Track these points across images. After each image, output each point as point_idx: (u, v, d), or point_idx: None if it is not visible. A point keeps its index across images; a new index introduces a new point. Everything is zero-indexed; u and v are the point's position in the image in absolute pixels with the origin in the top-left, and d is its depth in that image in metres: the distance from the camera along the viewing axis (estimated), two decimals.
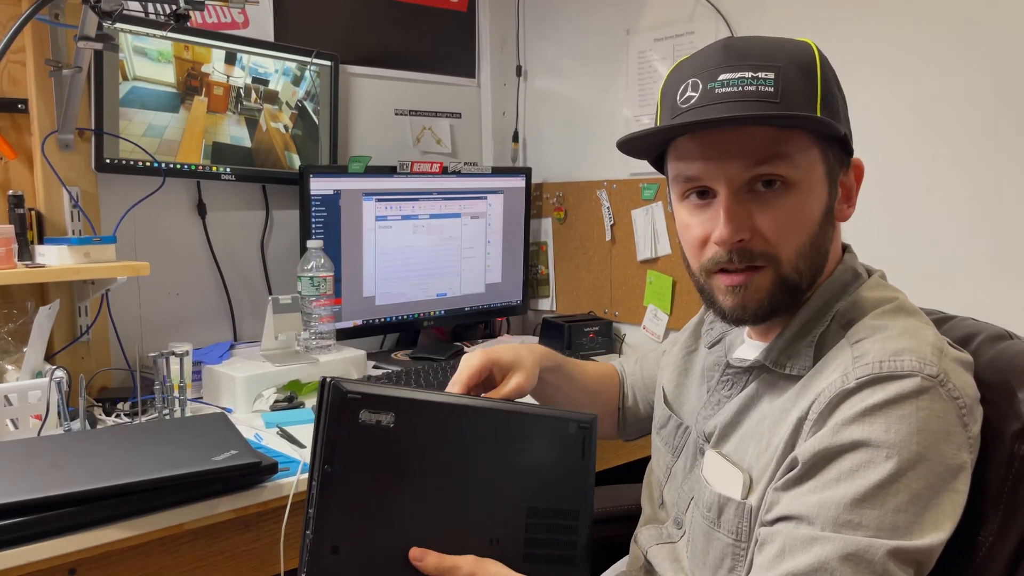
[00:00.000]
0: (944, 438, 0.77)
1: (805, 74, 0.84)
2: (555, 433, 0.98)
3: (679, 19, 2.08)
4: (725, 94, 0.83)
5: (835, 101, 0.87)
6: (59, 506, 1.06)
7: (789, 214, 0.85)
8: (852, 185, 0.91)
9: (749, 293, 0.87)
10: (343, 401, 0.86)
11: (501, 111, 2.58)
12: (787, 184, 0.84)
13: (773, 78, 0.83)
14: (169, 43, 1.84)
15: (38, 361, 1.58)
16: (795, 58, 0.85)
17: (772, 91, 0.82)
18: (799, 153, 0.84)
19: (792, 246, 0.85)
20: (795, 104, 0.83)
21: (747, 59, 0.84)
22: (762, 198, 0.85)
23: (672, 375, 1.12)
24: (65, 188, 1.73)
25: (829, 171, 0.87)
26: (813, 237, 0.86)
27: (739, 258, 0.86)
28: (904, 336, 0.82)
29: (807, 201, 0.85)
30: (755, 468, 0.88)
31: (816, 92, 0.84)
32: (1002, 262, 1.56)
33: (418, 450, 0.90)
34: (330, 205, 2.02)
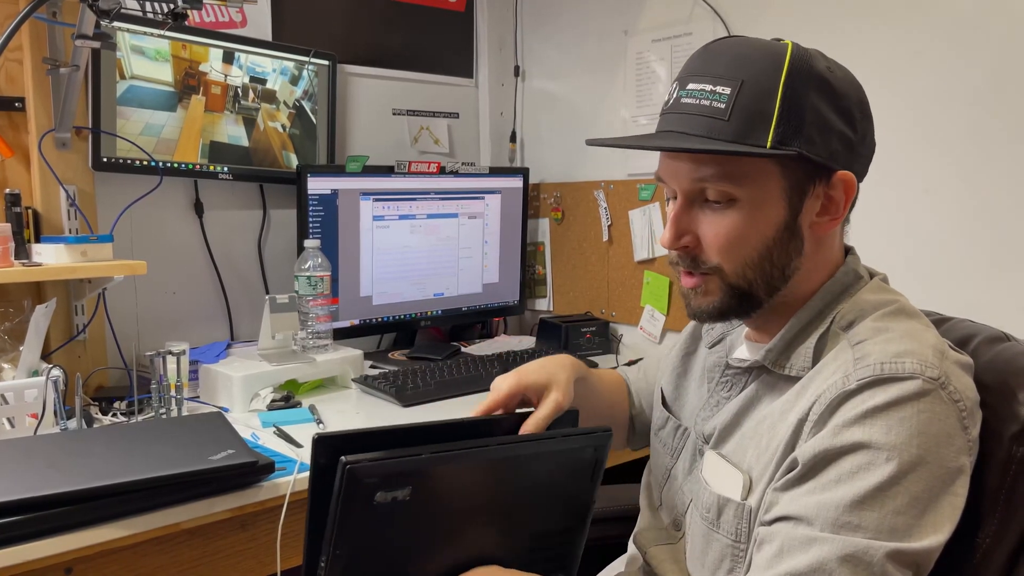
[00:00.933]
0: (945, 441, 0.77)
1: (764, 91, 0.83)
2: (571, 459, 0.96)
3: (677, 20, 2.08)
4: (685, 105, 0.87)
5: (801, 116, 0.83)
6: (55, 505, 1.05)
7: (730, 230, 0.86)
8: (838, 199, 0.88)
9: (700, 296, 0.91)
10: (359, 489, 0.80)
11: (499, 111, 2.58)
12: (732, 200, 0.86)
13: (728, 93, 0.83)
14: (167, 42, 1.84)
15: (34, 360, 1.58)
16: (761, 71, 0.84)
17: (723, 108, 0.84)
18: (747, 170, 0.85)
19: (736, 260, 0.87)
20: (742, 125, 0.83)
21: (714, 68, 0.86)
22: (710, 209, 0.88)
23: (670, 377, 1.12)
24: (62, 187, 1.72)
25: (792, 187, 0.86)
26: (763, 251, 0.87)
27: (684, 263, 0.91)
28: (906, 338, 0.82)
29: (754, 217, 0.86)
30: (755, 469, 0.88)
31: (772, 111, 0.83)
32: (999, 264, 1.56)
33: (433, 510, 0.88)
34: (327, 205, 2.01)
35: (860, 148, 0.88)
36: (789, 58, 0.84)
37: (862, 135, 0.88)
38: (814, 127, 0.84)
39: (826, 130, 0.84)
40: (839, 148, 0.86)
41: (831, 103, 0.85)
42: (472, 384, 1.81)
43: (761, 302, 0.90)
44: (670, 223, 0.90)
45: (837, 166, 0.86)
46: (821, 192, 0.87)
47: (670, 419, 1.08)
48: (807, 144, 0.83)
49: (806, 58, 0.84)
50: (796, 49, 0.85)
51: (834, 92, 0.85)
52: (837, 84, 0.85)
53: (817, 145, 0.84)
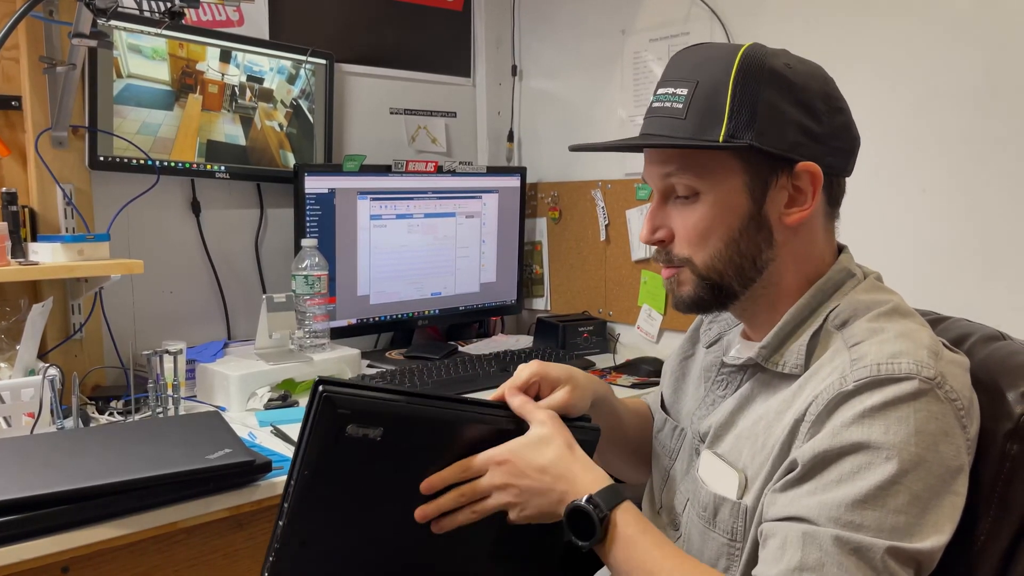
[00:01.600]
0: (943, 439, 0.78)
1: (715, 89, 0.87)
2: None
3: (674, 20, 2.09)
4: (654, 109, 0.93)
5: (753, 110, 0.86)
6: (52, 504, 1.05)
7: (697, 222, 0.91)
8: (805, 189, 0.89)
9: (677, 286, 0.95)
10: (332, 416, 0.84)
11: (496, 111, 2.58)
12: (696, 194, 0.91)
13: (685, 94, 0.89)
14: (164, 41, 1.84)
15: (31, 359, 1.58)
16: (714, 71, 0.88)
17: (680, 108, 0.89)
18: (708, 164, 0.89)
19: (705, 252, 0.91)
20: (697, 121, 0.88)
21: (678, 72, 0.92)
22: (679, 205, 0.92)
23: (669, 381, 1.13)
24: (59, 185, 1.72)
25: (753, 179, 0.89)
26: (730, 242, 0.90)
27: (660, 257, 0.96)
28: (901, 339, 0.82)
29: (719, 210, 0.90)
30: (750, 468, 0.88)
31: (724, 106, 0.86)
32: (994, 264, 1.57)
33: (403, 460, 0.89)
34: (325, 204, 2.01)
35: (830, 140, 0.89)
36: (740, 56, 0.87)
37: (829, 127, 0.89)
38: (767, 120, 0.86)
39: (781, 122, 0.87)
40: (801, 139, 0.87)
41: (788, 96, 0.87)
42: (469, 383, 1.82)
43: (736, 293, 0.93)
44: (646, 219, 0.95)
45: (799, 157, 0.88)
46: (786, 183, 0.89)
47: (668, 421, 1.09)
48: (759, 136, 0.86)
49: (760, 56, 0.87)
50: (751, 48, 0.88)
51: (791, 85, 0.87)
52: (795, 78, 0.87)
53: (770, 136, 0.86)
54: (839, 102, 0.91)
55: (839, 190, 0.94)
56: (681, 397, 1.09)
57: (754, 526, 0.86)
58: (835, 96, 0.91)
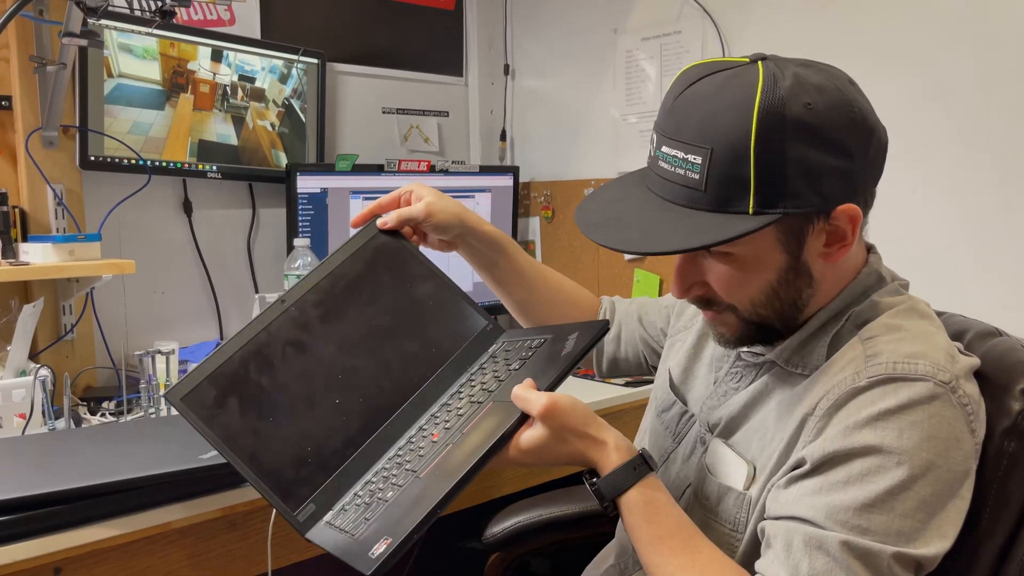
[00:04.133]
0: (954, 445, 0.77)
1: (736, 157, 0.78)
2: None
3: (666, 19, 2.09)
4: (663, 171, 0.84)
5: (782, 173, 0.78)
6: (44, 505, 1.05)
7: (732, 279, 0.86)
8: (844, 228, 0.83)
9: (721, 328, 0.91)
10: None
11: (489, 110, 2.58)
12: (726, 255, 0.85)
13: (700, 163, 0.80)
14: (155, 40, 1.83)
15: (22, 360, 1.57)
16: (730, 135, 0.78)
17: (697, 179, 0.80)
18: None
19: (744, 301, 0.87)
20: (719, 194, 0.79)
21: (683, 131, 0.82)
22: (710, 261, 0.87)
23: (680, 359, 1.10)
24: (49, 186, 1.71)
25: (787, 235, 0.83)
26: (769, 292, 0.86)
27: (702, 306, 0.91)
28: (918, 339, 0.82)
29: (753, 268, 0.85)
30: (759, 460, 0.88)
31: (748, 176, 0.78)
32: (987, 261, 1.57)
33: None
34: (317, 203, 2.01)
35: (863, 169, 0.83)
36: (757, 112, 0.77)
37: (863, 154, 0.82)
38: (799, 180, 0.78)
39: (815, 177, 0.79)
40: (835, 186, 0.80)
41: (817, 145, 0.79)
42: None
43: (780, 332, 0.90)
44: (676, 276, 0.90)
45: (836, 204, 0.81)
46: (823, 227, 0.83)
47: (676, 403, 1.06)
48: (793, 200, 0.79)
49: (777, 106, 0.77)
50: (766, 95, 0.78)
51: (817, 132, 0.78)
52: (820, 120, 0.78)
53: (806, 196, 0.79)
54: (866, 121, 0.82)
55: (872, 199, 0.89)
56: (690, 378, 1.07)
57: (755, 518, 0.86)
58: (860, 118, 0.81)
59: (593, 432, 0.89)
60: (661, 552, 0.83)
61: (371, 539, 0.84)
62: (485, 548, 1.37)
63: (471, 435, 0.92)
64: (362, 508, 0.91)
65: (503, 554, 1.37)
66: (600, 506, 0.88)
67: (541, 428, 0.87)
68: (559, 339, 1.02)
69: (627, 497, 0.86)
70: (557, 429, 0.87)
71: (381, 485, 0.94)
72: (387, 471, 0.96)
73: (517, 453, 0.88)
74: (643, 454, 0.88)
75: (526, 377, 0.93)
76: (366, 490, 0.94)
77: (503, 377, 1.00)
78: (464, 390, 1.04)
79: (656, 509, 0.86)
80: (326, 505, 0.95)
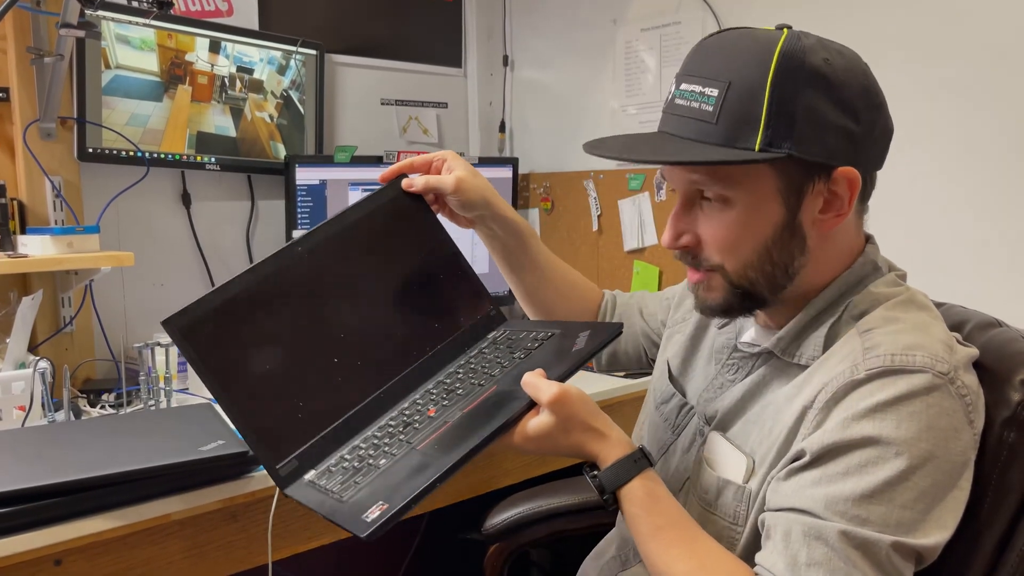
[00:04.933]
0: (952, 436, 0.77)
1: (752, 92, 0.81)
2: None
3: (666, 9, 2.08)
4: (678, 107, 0.86)
5: (792, 115, 0.80)
6: (44, 497, 1.05)
7: (727, 229, 0.86)
8: (842, 195, 0.84)
9: (706, 291, 0.90)
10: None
11: (488, 101, 2.58)
12: (726, 201, 0.85)
13: (716, 96, 0.82)
14: (152, 31, 1.83)
15: (21, 352, 1.57)
16: (748, 70, 0.81)
17: (711, 111, 0.82)
18: (739, 171, 0.83)
19: (735, 259, 0.86)
20: (730, 128, 0.81)
21: (704, 68, 0.84)
22: (707, 209, 0.87)
23: (679, 350, 1.10)
24: (47, 178, 1.71)
25: (787, 187, 0.84)
26: (762, 251, 0.85)
27: (686, 260, 0.90)
28: (916, 330, 0.82)
29: (750, 218, 0.85)
30: (757, 453, 0.88)
31: (760, 112, 0.80)
32: (988, 251, 1.57)
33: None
34: (316, 195, 2.00)
35: (867, 140, 0.85)
36: (778, 54, 0.80)
37: (869, 126, 0.84)
38: (807, 125, 0.80)
39: (822, 127, 0.81)
40: (839, 144, 0.82)
41: (828, 97, 0.81)
42: None
43: (765, 300, 0.89)
44: (670, 223, 0.89)
45: (837, 163, 0.83)
46: (822, 189, 0.84)
47: (675, 395, 1.07)
48: (799, 144, 0.80)
49: (798, 52, 0.80)
50: (788, 43, 0.81)
51: (831, 85, 0.81)
52: (835, 76, 0.81)
53: (811, 143, 0.81)
54: (878, 97, 0.86)
55: (872, 185, 0.90)
56: (689, 370, 1.07)
57: (755, 511, 0.86)
58: (874, 91, 0.85)
59: (597, 426, 0.89)
60: (659, 542, 0.84)
61: (364, 503, 0.83)
62: (485, 539, 1.38)
63: (474, 415, 0.92)
64: (350, 472, 0.90)
65: (503, 545, 1.37)
66: (600, 498, 0.88)
67: (548, 416, 0.87)
68: (569, 335, 1.02)
69: (627, 489, 0.87)
70: (564, 419, 0.87)
71: (372, 452, 0.92)
72: (377, 439, 0.95)
73: (521, 439, 0.88)
74: (643, 449, 0.89)
75: (533, 367, 0.92)
76: (354, 455, 0.93)
77: (507, 364, 1.00)
78: (462, 370, 1.03)
79: (655, 501, 0.86)
80: (309, 463, 0.93)
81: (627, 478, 0.87)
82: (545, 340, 1.03)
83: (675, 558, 0.83)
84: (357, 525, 0.79)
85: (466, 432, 0.89)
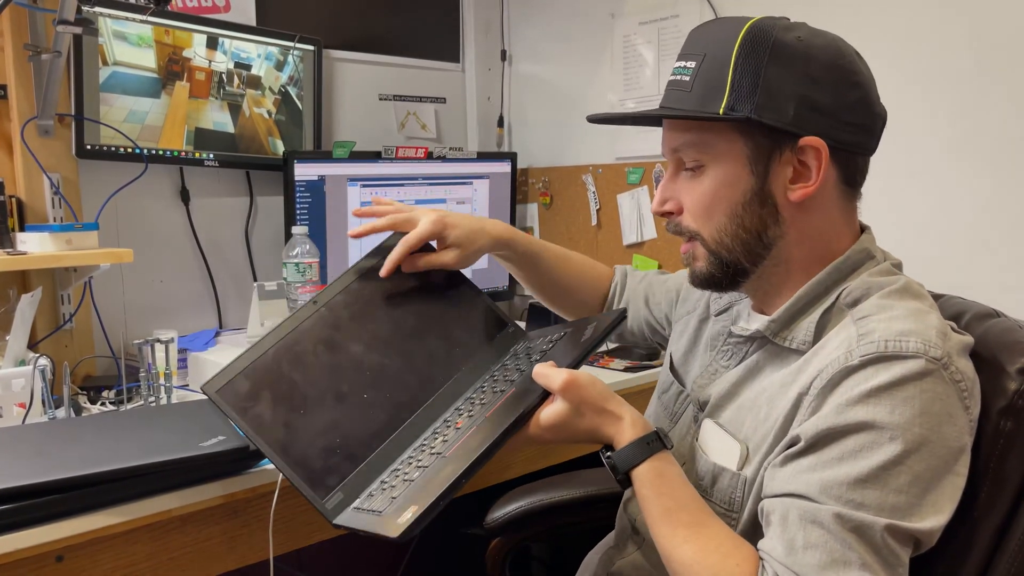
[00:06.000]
0: (947, 420, 0.78)
1: (718, 63, 0.88)
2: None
3: (664, 3, 2.08)
4: (671, 81, 0.94)
5: (754, 83, 0.86)
6: (45, 493, 1.04)
7: (702, 195, 0.92)
8: (810, 164, 0.88)
9: (692, 261, 0.96)
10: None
11: (486, 96, 2.57)
12: (701, 167, 0.92)
13: (692, 68, 0.90)
14: (149, 27, 1.82)
15: (21, 349, 1.57)
16: (718, 46, 0.89)
17: (687, 80, 0.90)
18: (710, 139, 0.90)
19: (711, 225, 0.92)
20: (700, 94, 0.89)
21: (691, 47, 0.93)
22: (688, 178, 0.94)
23: (683, 342, 1.12)
24: (46, 175, 1.71)
25: (755, 153, 0.89)
26: (734, 217, 0.90)
27: (671, 229, 0.97)
28: (910, 317, 0.82)
29: (721, 184, 0.90)
30: (752, 440, 0.89)
31: (726, 80, 0.87)
32: (986, 243, 1.57)
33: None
34: (315, 191, 2.00)
35: (841, 114, 0.87)
36: (746, 29, 0.87)
37: (840, 100, 0.87)
38: (767, 93, 0.86)
39: (783, 96, 0.86)
40: (804, 114, 0.86)
41: (793, 69, 0.86)
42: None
43: (746, 270, 0.92)
44: (658, 191, 0.97)
45: (804, 132, 0.86)
46: (791, 159, 0.88)
47: (674, 383, 1.08)
48: (758, 110, 0.86)
49: (767, 28, 0.87)
50: (761, 21, 0.88)
51: (797, 58, 0.86)
52: (804, 51, 0.86)
53: (770, 110, 0.86)
54: (856, 76, 0.89)
55: (856, 168, 0.92)
56: (690, 359, 1.09)
57: (752, 498, 0.86)
58: (851, 70, 0.88)
59: (611, 408, 0.91)
60: (668, 523, 0.85)
61: (399, 510, 0.88)
62: (486, 533, 1.38)
63: (495, 416, 0.96)
64: (388, 490, 0.94)
65: (504, 539, 1.38)
66: (614, 479, 0.90)
67: (561, 403, 0.90)
68: (578, 330, 1.08)
69: (639, 470, 0.88)
70: (576, 404, 0.90)
71: (407, 470, 0.96)
72: (412, 459, 0.99)
73: (538, 430, 0.91)
74: (658, 432, 0.90)
75: (550, 359, 0.97)
76: (392, 477, 0.98)
77: (524, 368, 1.04)
78: (487, 384, 1.08)
79: (666, 482, 0.87)
80: (353, 494, 0.98)
81: (640, 459, 0.88)
82: (558, 340, 1.08)
83: (682, 539, 0.84)
84: (391, 528, 0.84)
85: (487, 432, 0.92)
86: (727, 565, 0.80)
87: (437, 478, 0.89)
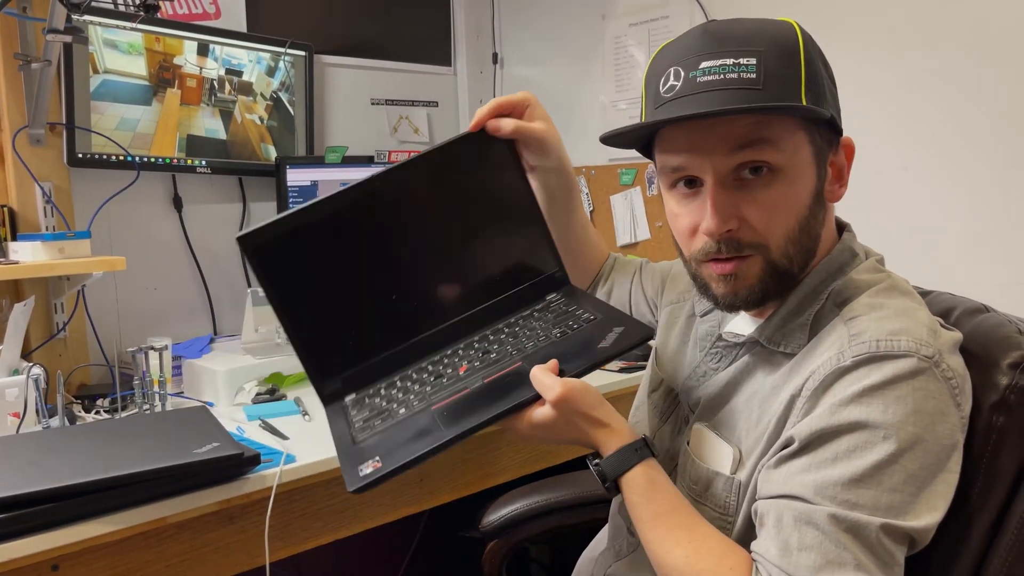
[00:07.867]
0: (939, 419, 0.78)
1: (787, 57, 0.83)
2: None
3: (654, 4, 2.08)
4: (707, 83, 0.83)
5: (820, 82, 0.84)
6: (41, 502, 1.04)
7: (776, 200, 0.84)
8: (843, 164, 0.89)
9: (740, 281, 0.87)
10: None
11: (478, 99, 2.58)
12: (773, 170, 0.83)
13: (755, 63, 0.81)
14: (140, 35, 1.82)
15: (14, 358, 1.57)
16: (777, 41, 0.83)
17: (755, 77, 0.81)
18: (784, 137, 0.83)
19: (781, 233, 0.85)
20: (779, 89, 0.81)
21: (728, 44, 0.83)
22: (749, 186, 0.84)
23: (672, 338, 1.10)
24: (37, 183, 1.71)
25: (817, 153, 0.86)
26: (803, 221, 0.85)
27: (727, 248, 0.86)
28: (900, 316, 0.82)
29: (795, 186, 0.84)
30: (745, 443, 0.88)
31: (800, 75, 0.82)
32: (976, 239, 1.58)
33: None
34: (307, 196, 2.00)
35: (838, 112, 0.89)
36: (797, 26, 0.86)
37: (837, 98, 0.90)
38: (827, 92, 0.85)
39: (829, 93, 0.86)
40: (838, 114, 0.87)
41: (826, 67, 0.87)
42: None
43: (796, 280, 0.89)
44: (712, 208, 0.84)
45: (841, 132, 0.89)
46: (834, 158, 0.88)
47: (663, 382, 1.08)
48: (827, 106, 0.84)
49: (805, 31, 0.86)
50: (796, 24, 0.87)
51: (825, 60, 0.87)
52: (819, 48, 0.87)
53: (831, 107, 0.85)
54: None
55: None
56: (679, 358, 1.07)
57: (747, 501, 0.86)
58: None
59: (599, 415, 0.90)
60: (658, 528, 0.85)
61: (366, 454, 0.87)
62: (483, 536, 1.38)
63: (488, 390, 0.93)
64: (376, 411, 0.94)
65: (501, 541, 1.37)
66: (602, 486, 0.89)
67: (551, 410, 0.88)
68: (604, 327, 0.99)
69: (628, 477, 0.87)
70: (567, 414, 0.88)
71: (400, 396, 0.96)
72: (410, 383, 0.98)
73: (526, 426, 0.89)
74: (645, 439, 0.89)
75: (561, 353, 0.93)
76: (388, 391, 0.97)
77: (542, 339, 0.98)
78: (507, 330, 1.02)
79: (655, 488, 0.87)
80: (350, 388, 0.99)
81: (628, 466, 0.87)
82: (585, 323, 1.00)
83: (674, 543, 0.83)
84: (350, 477, 0.84)
85: (473, 407, 0.90)
86: (720, 568, 0.80)
87: (412, 439, 0.88)
